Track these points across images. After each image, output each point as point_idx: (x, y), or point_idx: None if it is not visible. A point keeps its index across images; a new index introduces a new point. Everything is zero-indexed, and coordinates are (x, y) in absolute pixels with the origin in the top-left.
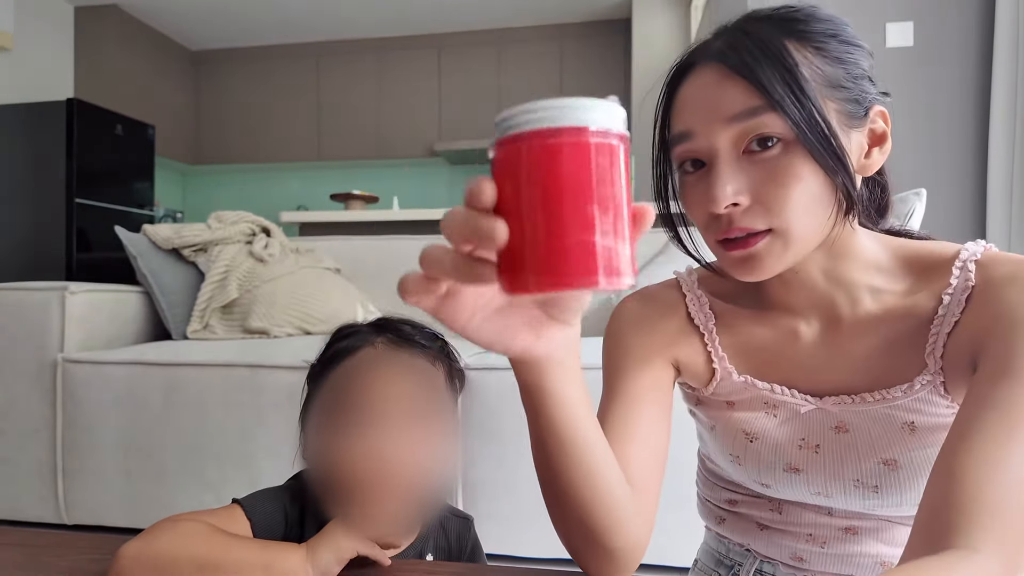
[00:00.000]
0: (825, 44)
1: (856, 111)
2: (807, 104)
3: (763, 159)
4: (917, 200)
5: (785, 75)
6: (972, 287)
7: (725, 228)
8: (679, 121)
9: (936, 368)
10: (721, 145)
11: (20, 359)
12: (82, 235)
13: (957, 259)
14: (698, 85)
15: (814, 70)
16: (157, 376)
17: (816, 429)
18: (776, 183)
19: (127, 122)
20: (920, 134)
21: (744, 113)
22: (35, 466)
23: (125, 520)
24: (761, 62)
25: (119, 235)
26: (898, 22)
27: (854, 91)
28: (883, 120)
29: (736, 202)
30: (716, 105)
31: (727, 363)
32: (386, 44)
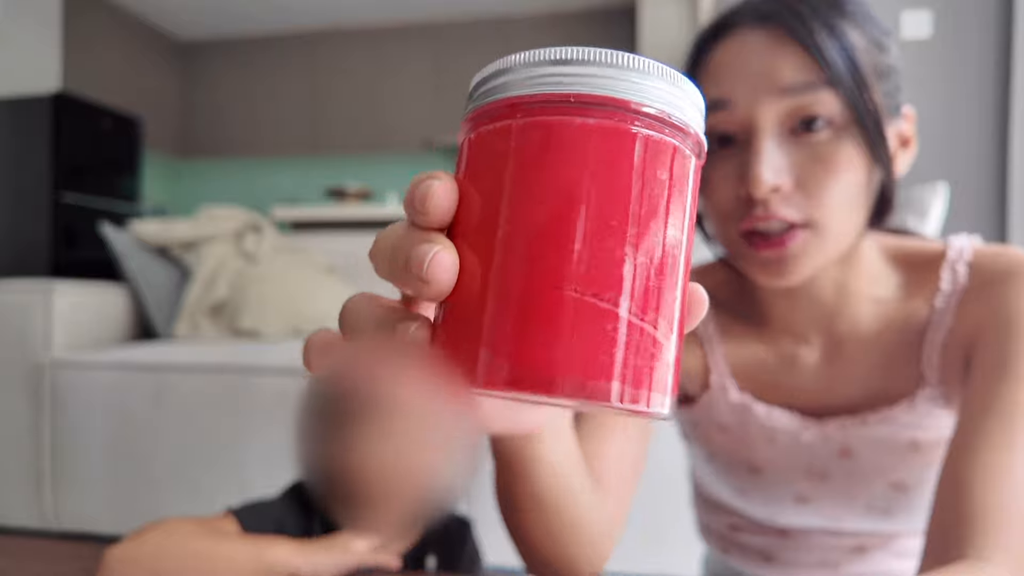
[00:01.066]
0: (870, 28)
1: (891, 105)
2: (864, 86)
3: (810, 142)
4: (934, 194)
5: (846, 50)
6: (963, 290)
7: (759, 216)
8: (713, 87)
9: (936, 380)
10: (767, 118)
11: (5, 360)
12: (68, 231)
13: (945, 260)
14: (742, 48)
15: (865, 54)
16: (146, 379)
17: (820, 455)
18: (823, 168)
19: (115, 116)
20: (938, 127)
21: (801, 86)
22: (21, 471)
23: (113, 526)
24: (823, 31)
25: (104, 233)
26: (915, 10)
27: (893, 84)
28: (909, 122)
29: (778, 185)
30: (766, 72)
31: (726, 375)
32: (382, 33)
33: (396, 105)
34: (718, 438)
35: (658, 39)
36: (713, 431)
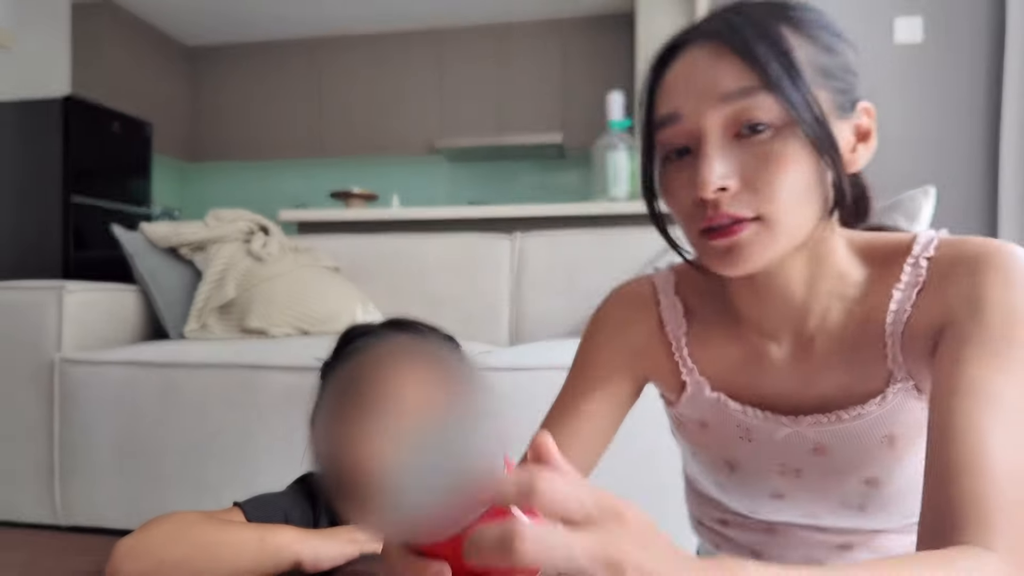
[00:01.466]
0: (817, 33)
1: (844, 102)
2: (802, 87)
3: (753, 143)
4: (924, 198)
5: (781, 56)
6: (924, 281)
7: (710, 215)
8: (665, 103)
9: (903, 374)
10: (711, 126)
11: (16, 359)
12: (79, 233)
13: (910, 254)
14: (688, 64)
15: (807, 55)
16: (155, 377)
17: (794, 453)
18: (768, 167)
19: (124, 119)
20: (930, 131)
21: (738, 92)
22: (32, 467)
23: (122, 521)
24: (758, 41)
25: (115, 234)
26: (907, 16)
27: (842, 82)
28: (868, 116)
29: (725, 186)
30: (708, 84)
31: (698, 375)
32: (386, 39)
33: (399, 109)
34: (699, 435)
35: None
36: (695, 428)
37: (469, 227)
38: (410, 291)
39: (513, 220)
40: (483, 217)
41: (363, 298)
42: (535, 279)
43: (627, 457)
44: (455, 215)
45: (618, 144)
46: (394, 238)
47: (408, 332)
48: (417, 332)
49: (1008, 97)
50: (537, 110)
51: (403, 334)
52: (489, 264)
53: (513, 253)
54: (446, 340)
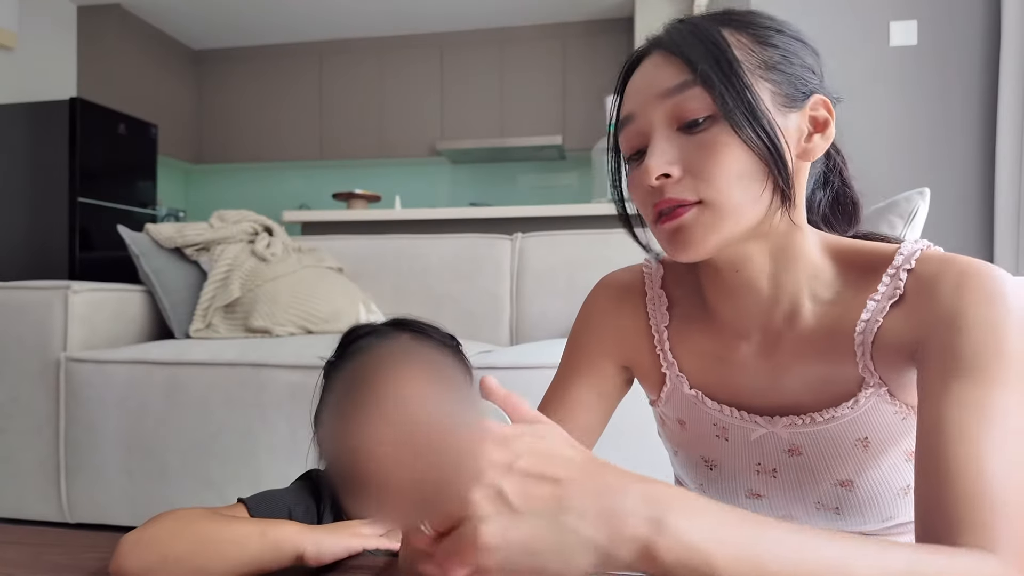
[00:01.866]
0: (763, 33)
1: (793, 94)
2: (734, 79)
3: (694, 134)
4: (921, 199)
5: (714, 51)
6: (901, 294)
7: (659, 201)
8: (624, 107)
9: (875, 380)
10: (655, 121)
11: (23, 358)
12: (85, 234)
13: (891, 265)
14: (641, 72)
15: (747, 52)
16: (160, 375)
17: (770, 453)
18: (705, 154)
19: (130, 121)
20: (925, 134)
21: (674, 88)
22: (38, 465)
23: (128, 518)
24: (690, 40)
25: (122, 234)
26: (902, 20)
27: (791, 76)
28: (826, 109)
29: (667, 172)
30: (652, 85)
31: (677, 370)
32: (388, 43)
33: (402, 112)
34: (679, 433)
35: None
36: (675, 426)
37: (470, 228)
38: (412, 291)
39: (514, 221)
40: (484, 218)
41: (366, 298)
42: (535, 279)
43: (623, 456)
44: (456, 216)
45: None
46: (396, 239)
47: (410, 331)
48: (419, 331)
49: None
50: (537, 113)
51: (406, 333)
52: (490, 264)
53: (514, 253)
54: (448, 339)
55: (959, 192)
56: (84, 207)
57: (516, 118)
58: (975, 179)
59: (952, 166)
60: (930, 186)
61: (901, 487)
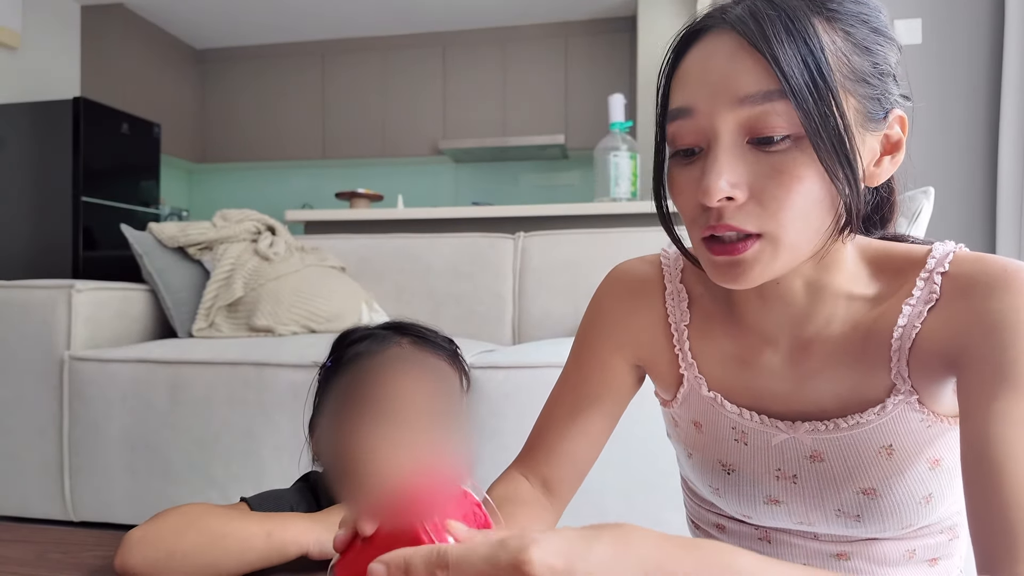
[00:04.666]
0: (855, 29)
1: (875, 112)
2: (827, 97)
3: (767, 153)
4: (925, 199)
5: (808, 58)
6: (937, 298)
7: (713, 223)
8: (680, 95)
9: (907, 387)
10: (724, 129)
11: (27, 357)
12: (88, 233)
13: (924, 268)
14: (707, 55)
15: (840, 57)
16: (163, 374)
17: (791, 459)
18: (779, 182)
19: (133, 121)
20: (928, 132)
21: (757, 96)
22: (42, 463)
23: (131, 517)
24: (783, 39)
25: (125, 233)
26: (906, 19)
27: (878, 89)
28: (900, 126)
29: (731, 196)
30: (725, 81)
31: (696, 372)
32: (391, 42)
33: (404, 111)
34: (694, 436)
35: (656, 46)
36: (690, 428)
37: (473, 227)
38: (414, 290)
39: (516, 220)
40: (487, 217)
41: (368, 297)
42: (538, 279)
43: (627, 455)
44: (459, 215)
45: (620, 145)
46: (399, 238)
47: (410, 337)
48: (419, 337)
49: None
50: (540, 112)
51: (406, 339)
52: (492, 264)
53: (516, 253)
54: (446, 343)
55: (962, 191)
56: (87, 206)
57: (519, 117)
58: (978, 178)
59: (955, 165)
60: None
61: (923, 496)
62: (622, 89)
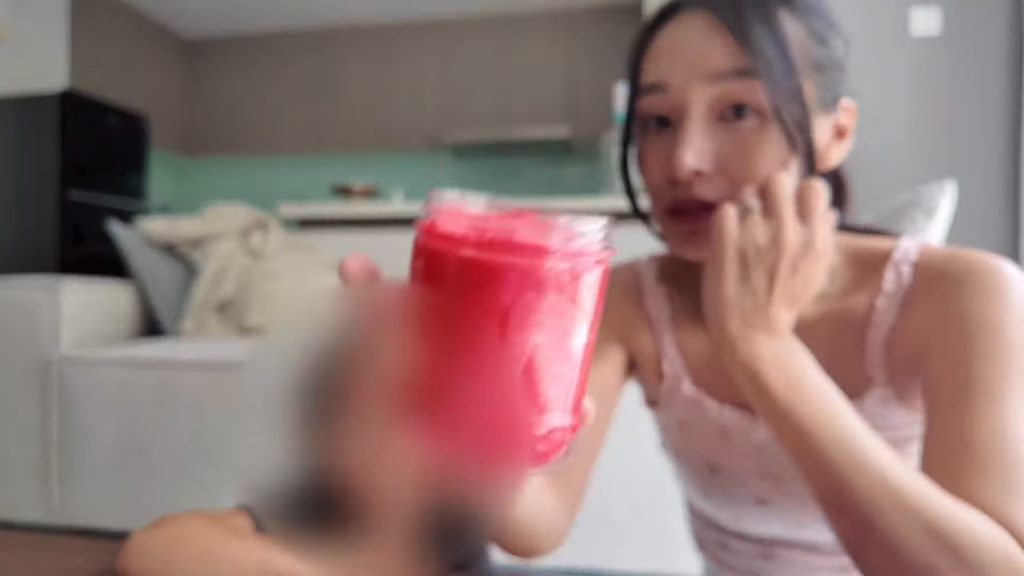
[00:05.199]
0: (813, 21)
1: (827, 98)
2: (793, 78)
3: (736, 127)
4: (943, 194)
5: (777, 41)
6: (908, 291)
7: (681, 196)
8: (652, 70)
9: (884, 381)
10: (696, 104)
11: (13, 357)
12: (75, 229)
13: (890, 260)
14: (680, 32)
15: (800, 46)
16: (152, 376)
17: (773, 456)
18: (745, 156)
19: (121, 114)
20: (948, 126)
21: (730, 73)
22: (29, 466)
23: (120, 521)
24: (755, 20)
25: (111, 230)
26: (923, 7)
27: (830, 78)
28: (848, 115)
29: (700, 169)
30: (698, 58)
31: (678, 367)
32: (389, 30)
33: (402, 102)
34: (680, 437)
35: None
36: (675, 429)
37: None
38: None
39: None
40: None
41: None
42: None
43: (633, 464)
44: None
45: None
46: (397, 235)
47: None
48: None
49: None
50: (543, 103)
51: None
52: None
53: None
54: None
55: (984, 188)
56: (74, 202)
57: (521, 109)
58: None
59: (977, 161)
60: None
61: None
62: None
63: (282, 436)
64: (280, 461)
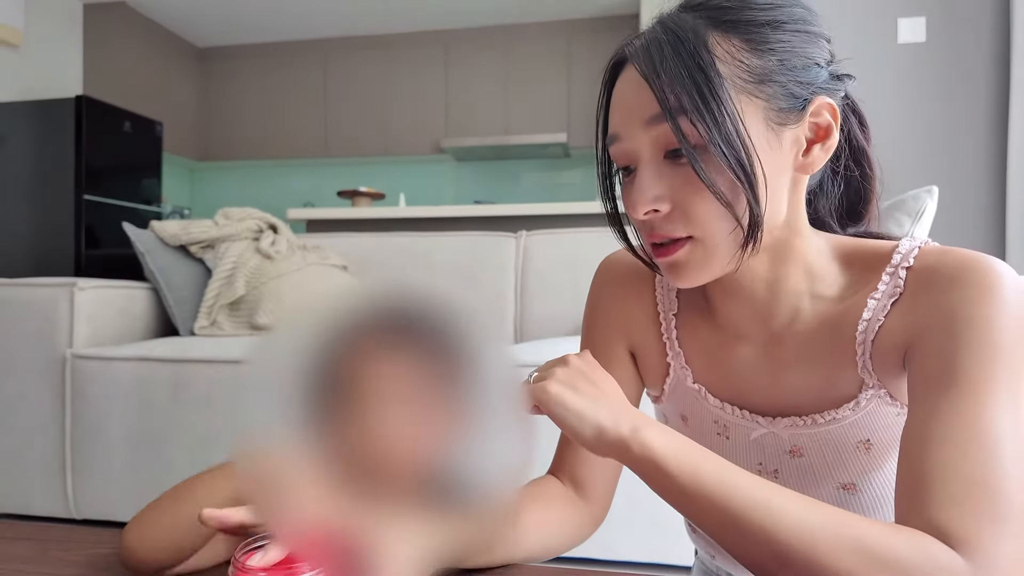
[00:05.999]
0: (756, 33)
1: (791, 106)
2: (716, 107)
3: (681, 164)
4: (929, 197)
5: (695, 75)
6: (901, 293)
7: (652, 235)
8: (611, 122)
9: (874, 381)
10: (642, 149)
11: (29, 355)
12: (91, 231)
13: (889, 263)
14: (622, 85)
15: (736, 65)
16: (165, 372)
17: (771, 453)
18: (691, 190)
19: (135, 119)
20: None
21: (656, 117)
22: (44, 461)
23: (133, 515)
24: (670, 64)
25: (127, 232)
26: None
27: (788, 84)
28: (830, 113)
29: (656, 208)
30: (634, 108)
31: (683, 362)
32: (393, 40)
33: (406, 110)
34: (681, 428)
35: None
36: (678, 423)
37: (475, 226)
38: None
39: (518, 219)
40: (489, 216)
41: None
42: (540, 277)
43: None
44: (461, 214)
45: None
46: (401, 236)
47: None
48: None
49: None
50: (542, 110)
51: None
52: (494, 262)
53: (518, 251)
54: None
55: (970, 191)
56: (90, 204)
57: (521, 116)
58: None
59: (962, 165)
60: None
61: None
62: None
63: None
64: None
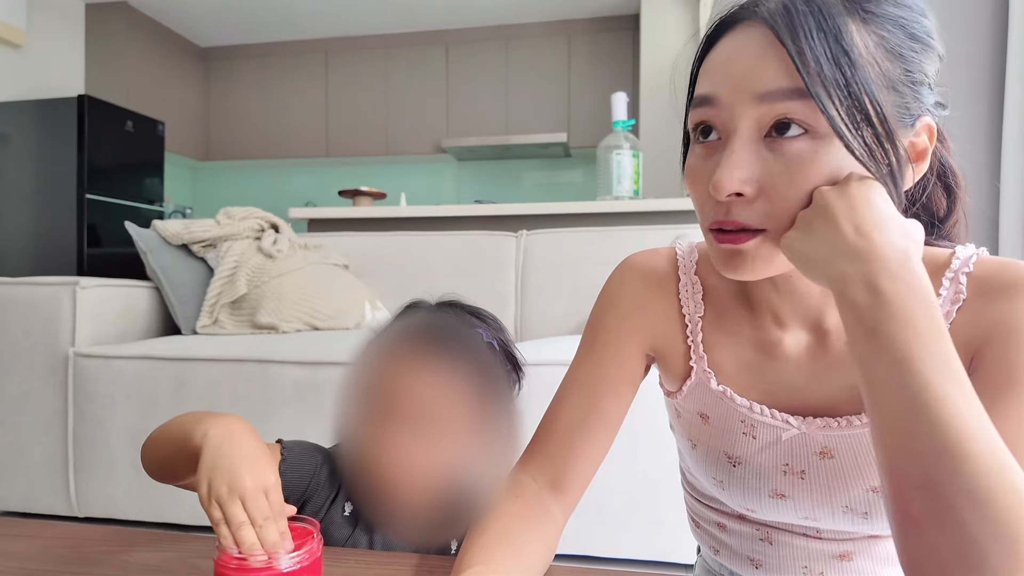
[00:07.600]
0: (890, 34)
1: (903, 119)
2: (859, 95)
3: (782, 147)
4: None
5: (841, 56)
6: (963, 300)
7: (721, 217)
8: (705, 83)
9: None
10: (742, 123)
11: (32, 353)
12: (93, 230)
13: (948, 268)
14: (735, 47)
15: (870, 64)
16: (167, 371)
17: (800, 454)
18: (790, 180)
19: (137, 118)
20: None
21: (778, 93)
22: (47, 459)
23: (136, 513)
24: (813, 35)
25: (129, 230)
26: None
27: (907, 97)
28: (928, 135)
29: (741, 192)
30: (749, 76)
31: (707, 365)
32: (394, 40)
33: (407, 110)
34: (699, 428)
35: (659, 44)
36: (695, 420)
37: (475, 225)
38: (417, 288)
39: (519, 218)
40: (489, 215)
41: (371, 295)
42: (540, 276)
43: (628, 455)
44: (461, 213)
45: (622, 144)
46: (402, 236)
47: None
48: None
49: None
50: (543, 110)
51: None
52: (495, 261)
53: (519, 251)
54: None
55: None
56: (92, 203)
57: (521, 115)
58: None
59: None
60: None
61: None
62: (625, 87)
63: None
64: None
